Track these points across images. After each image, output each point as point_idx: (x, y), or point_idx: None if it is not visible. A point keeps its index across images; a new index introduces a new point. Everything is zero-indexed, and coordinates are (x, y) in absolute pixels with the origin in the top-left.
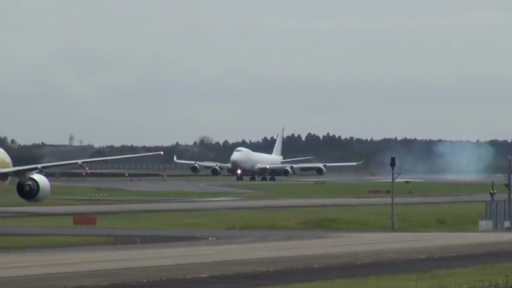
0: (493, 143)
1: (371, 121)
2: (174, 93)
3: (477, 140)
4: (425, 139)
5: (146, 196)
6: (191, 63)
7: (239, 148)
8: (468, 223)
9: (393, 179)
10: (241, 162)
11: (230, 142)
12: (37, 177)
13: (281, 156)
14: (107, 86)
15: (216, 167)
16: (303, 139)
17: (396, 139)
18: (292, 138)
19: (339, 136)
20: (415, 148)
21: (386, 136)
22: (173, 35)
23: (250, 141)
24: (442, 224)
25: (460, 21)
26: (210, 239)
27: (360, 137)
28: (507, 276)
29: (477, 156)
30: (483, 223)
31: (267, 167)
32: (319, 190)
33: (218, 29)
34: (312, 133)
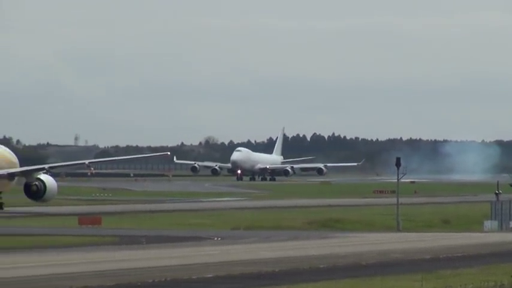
0: (499, 143)
1: (376, 121)
2: (179, 93)
3: (482, 140)
4: (430, 139)
5: (151, 196)
6: (196, 63)
7: (239, 148)
8: (473, 223)
9: (398, 179)
10: (241, 162)
11: (235, 142)
12: (44, 177)
13: (281, 156)
14: (113, 87)
15: (216, 167)
16: (308, 139)
17: (401, 139)
18: (297, 138)
19: (344, 136)
20: (421, 148)
21: (391, 136)
22: (178, 35)
23: (255, 141)
24: (447, 224)
25: (464, 21)
26: (215, 239)
27: (365, 137)
28: None
29: (482, 156)
30: (488, 223)
31: (267, 167)
32: (324, 190)
33: (223, 30)
34: (317, 133)
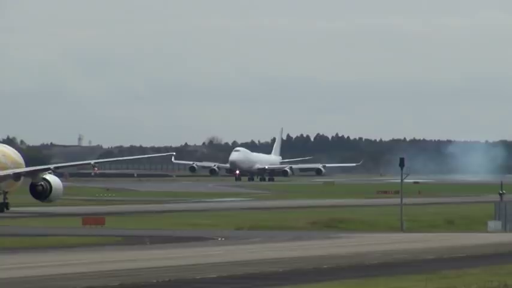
0: (503, 143)
1: (380, 121)
2: (183, 93)
3: (486, 141)
4: (434, 139)
5: (155, 196)
6: (200, 63)
7: (237, 148)
8: (477, 224)
9: (402, 180)
10: (239, 162)
11: (239, 142)
12: (50, 177)
13: (280, 156)
14: (116, 87)
15: (215, 167)
16: (312, 139)
17: (405, 139)
18: (300, 138)
19: (348, 136)
20: (424, 148)
21: (395, 136)
22: (182, 36)
23: (259, 141)
24: (451, 225)
25: (470, 21)
26: (219, 240)
27: (369, 138)
28: None
29: (486, 156)
30: (492, 224)
31: (266, 168)
32: (327, 190)
33: (228, 30)
34: (321, 133)
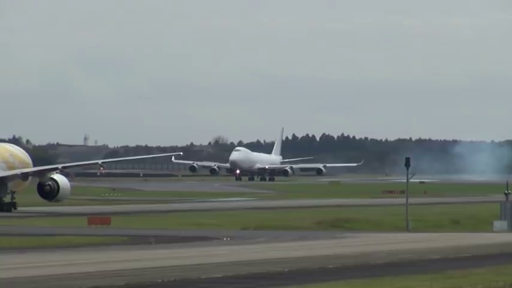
0: (509, 143)
1: (385, 121)
2: (189, 93)
3: (492, 141)
4: (440, 139)
5: (160, 196)
6: (206, 63)
7: (238, 148)
8: (482, 223)
9: (408, 180)
10: (240, 162)
11: (245, 142)
12: (57, 177)
13: (280, 156)
14: (122, 87)
15: (215, 167)
16: (318, 139)
17: (411, 139)
18: (306, 138)
19: (353, 136)
20: (430, 148)
21: (401, 136)
22: (188, 36)
23: (264, 141)
24: (457, 225)
25: (473, 20)
26: (224, 239)
27: (375, 137)
28: None
29: (492, 156)
30: (498, 223)
31: (266, 167)
32: (333, 190)
33: (233, 30)
34: (327, 133)
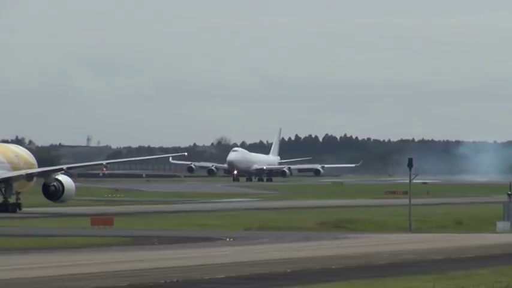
0: (511, 144)
1: (388, 122)
2: (192, 94)
3: (495, 141)
4: (442, 140)
5: (163, 197)
6: (209, 63)
7: (235, 148)
8: (485, 224)
9: (411, 180)
10: (237, 162)
11: (248, 143)
12: (62, 178)
13: (278, 157)
14: (124, 87)
15: (212, 168)
16: (320, 140)
17: (413, 140)
18: (309, 139)
19: (356, 137)
20: (433, 149)
21: (403, 137)
22: (190, 36)
23: (267, 141)
24: (459, 225)
25: (476, 21)
26: (227, 240)
27: (377, 138)
28: None
29: (495, 157)
30: (501, 224)
31: (264, 168)
32: (336, 191)
33: (235, 30)
34: (329, 134)
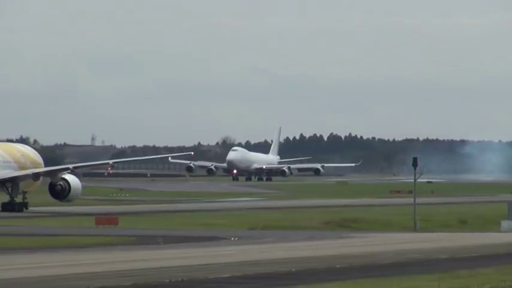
0: None
1: (393, 121)
2: (197, 93)
3: (499, 140)
4: (447, 139)
5: (168, 196)
6: (214, 63)
7: (235, 148)
8: (490, 223)
9: (415, 179)
10: (237, 162)
11: (252, 142)
12: (69, 177)
13: (278, 156)
14: (129, 87)
15: (212, 167)
16: (325, 139)
17: (418, 139)
18: (314, 138)
19: (361, 136)
20: (438, 148)
21: (408, 136)
22: (195, 35)
23: (271, 141)
24: (464, 224)
25: (481, 20)
26: (232, 239)
27: (382, 137)
28: None
29: (500, 156)
30: (505, 223)
31: (264, 167)
32: (341, 190)
33: (240, 29)
34: (334, 133)
